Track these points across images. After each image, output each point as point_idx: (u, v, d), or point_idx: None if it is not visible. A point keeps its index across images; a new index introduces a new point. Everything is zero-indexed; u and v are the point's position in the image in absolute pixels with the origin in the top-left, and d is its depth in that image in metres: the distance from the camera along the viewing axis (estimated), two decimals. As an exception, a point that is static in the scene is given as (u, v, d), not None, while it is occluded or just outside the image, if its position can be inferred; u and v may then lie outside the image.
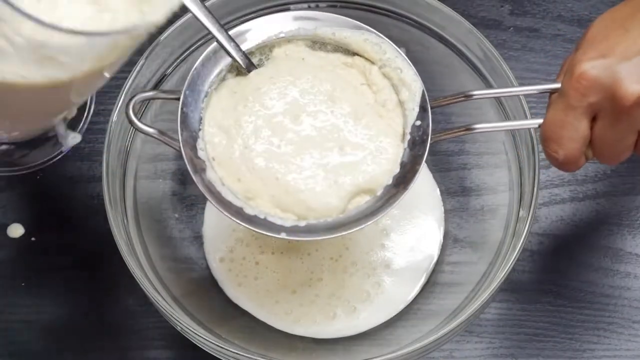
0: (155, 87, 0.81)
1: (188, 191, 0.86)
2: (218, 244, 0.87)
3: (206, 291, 0.86)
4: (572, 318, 0.86)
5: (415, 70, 0.76)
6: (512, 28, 0.94)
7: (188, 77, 0.75)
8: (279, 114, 0.75)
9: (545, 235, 0.88)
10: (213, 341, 0.74)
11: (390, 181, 0.75)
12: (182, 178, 0.86)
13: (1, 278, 0.87)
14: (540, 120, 0.72)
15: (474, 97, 0.75)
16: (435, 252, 0.86)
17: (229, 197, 0.74)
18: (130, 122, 0.74)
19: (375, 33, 0.77)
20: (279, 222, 0.74)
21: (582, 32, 0.93)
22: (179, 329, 0.76)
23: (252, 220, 0.74)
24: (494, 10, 0.95)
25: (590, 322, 0.86)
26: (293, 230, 0.74)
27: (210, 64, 0.76)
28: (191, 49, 0.82)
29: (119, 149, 0.79)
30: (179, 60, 0.82)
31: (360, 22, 0.83)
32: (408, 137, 0.76)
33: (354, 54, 0.78)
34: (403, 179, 0.75)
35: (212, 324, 0.81)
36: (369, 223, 0.74)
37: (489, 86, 0.81)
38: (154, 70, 0.80)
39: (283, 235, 0.74)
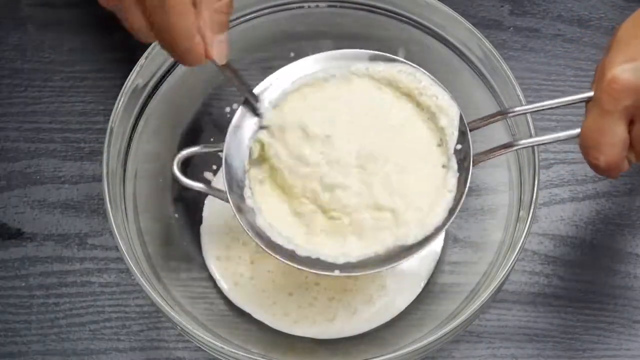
0: (156, 87, 0.81)
1: (188, 191, 0.86)
2: (215, 242, 0.87)
3: (206, 291, 0.86)
4: (572, 318, 0.86)
5: (450, 95, 0.76)
6: (512, 28, 0.94)
7: (229, 128, 0.76)
8: (327, 154, 0.75)
9: (545, 235, 0.88)
10: (213, 341, 0.74)
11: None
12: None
13: (1, 279, 0.88)
14: (579, 130, 0.71)
15: (510, 114, 0.75)
16: (437, 252, 0.86)
17: (279, 240, 0.75)
18: (176, 179, 0.74)
19: (408, 63, 0.77)
20: (331, 260, 0.74)
21: (582, 32, 0.94)
22: (179, 329, 0.76)
23: (304, 261, 0.74)
24: (494, 10, 0.95)
25: (590, 322, 0.86)
26: (346, 266, 0.74)
27: (250, 112, 0.76)
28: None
29: (118, 149, 0.79)
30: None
31: (360, 22, 0.83)
32: (455, 168, 0.76)
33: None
34: (453, 199, 0.75)
35: (212, 324, 0.81)
36: (420, 251, 0.74)
37: (489, 86, 0.81)
38: (154, 70, 0.80)
39: (337, 273, 0.74)
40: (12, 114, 0.92)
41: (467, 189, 0.75)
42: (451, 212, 0.75)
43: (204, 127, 0.86)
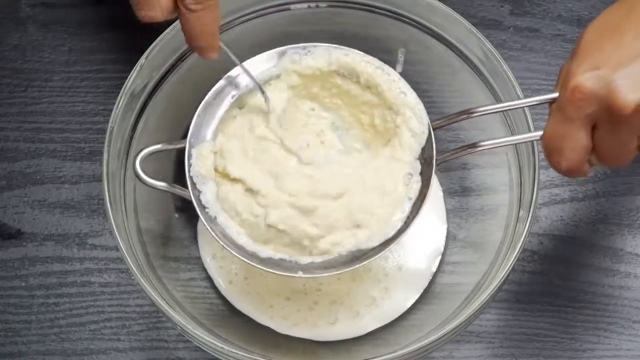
0: (156, 87, 0.81)
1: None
2: (211, 241, 0.86)
3: (205, 291, 0.86)
4: (572, 318, 0.86)
5: (416, 94, 0.76)
6: (512, 28, 0.94)
7: (191, 126, 0.76)
8: (286, 158, 0.76)
9: (545, 235, 0.88)
10: (213, 341, 0.74)
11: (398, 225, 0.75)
12: (182, 178, 0.86)
13: (1, 279, 0.88)
14: (542, 133, 0.72)
15: (475, 114, 0.75)
16: (439, 252, 0.86)
17: (241, 241, 0.75)
18: (139, 178, 0.74)
19: (372, 57, 0.77)
20: (294, 260, 0.74)
21: (582, 32, 0.94)
22: (179, 329, 0.76)
23: (266, 262, 0.74)
24: (494, 10, 0.95)
25: (590, 322, 0.86)
26: (309, 267, 0.74)
27: (212, 109, 0.77)
28: (191, 50, 0.82)
29: (119, 149, 0.79)
30: (179, 61, 0.82)
31: (360, 22, 0.83)
32: (418, 167, 0.76)
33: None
34: (414, 203, 0.75)
35: (212, 324, 0.81)
36: (383, 252, 0.74)
37: (489, 86, 0.81)
38: (154, 70, 0.80)
39: (300, 274, 0.74)
40: (12, 114, 0.92)
41: (430, 190, 0.75)
42: (409, 219, 0.75)
43: (204, 127, 0.86)
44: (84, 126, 0.92)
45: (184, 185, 0.76)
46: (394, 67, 0.84)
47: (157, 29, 0.77)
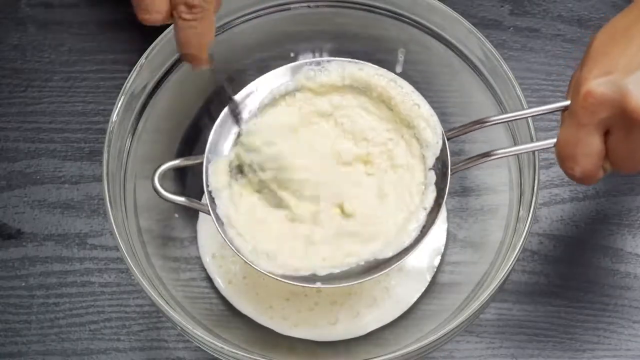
0: (156, 87, 0.81)
1: (188, 191, 0.86)
2: (211, 240, 0.86)
3: (205, 291, 0.86)
4: (572, 318, 0.86)
5: (429, 105, 0.77)
6: (512, 28, 0.94)
7: (208, 142, 0.77)
8: (299, 172, 0.76)
9: (545, 235, 0.88)
10: (213, 341, 0.74)
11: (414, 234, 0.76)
12: (182, 178, 0.86)
13: (1, 279, 0.88)
14: (555, 140, 0.72)
15: (487, 123, 0.75)
16: (439, 252, 0.86)
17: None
18: (157, 193, 0.75)
19: (389, 72, 0.77)
20: (311, 272, 0.75)
21: (582, 32, 0.94)
22: (179, 329, 0.76)
23: (285, 274, 0.75)
24: (494, 10, 0.95)
25: (590, 322, 0.86)
26: (328, 278, 0.75)
27: (228, 124, 0.77)
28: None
29: (119, 149, 0.79)
30: (178, 61, 0.82)
31: (360, 22, 0.83)
32: (433, 176, 0.76)
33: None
34: (430, 213, 0.75)
35: (212, 323, 0.81)
36: (402, 260, 0.75)
37: (489, 86, 0.81)
38: (154, 70, 0.80)
39: (319, 285, 0.74)
40: (12, 114, 0.92)
41: (444, 200, 0.75)
42: (425, 228, 0.75)
43: (204, 127, 0.86)
44: (84, 126, 0.92)
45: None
46: (394, 67, 0.84)
47: (157, 29, 0.77)
